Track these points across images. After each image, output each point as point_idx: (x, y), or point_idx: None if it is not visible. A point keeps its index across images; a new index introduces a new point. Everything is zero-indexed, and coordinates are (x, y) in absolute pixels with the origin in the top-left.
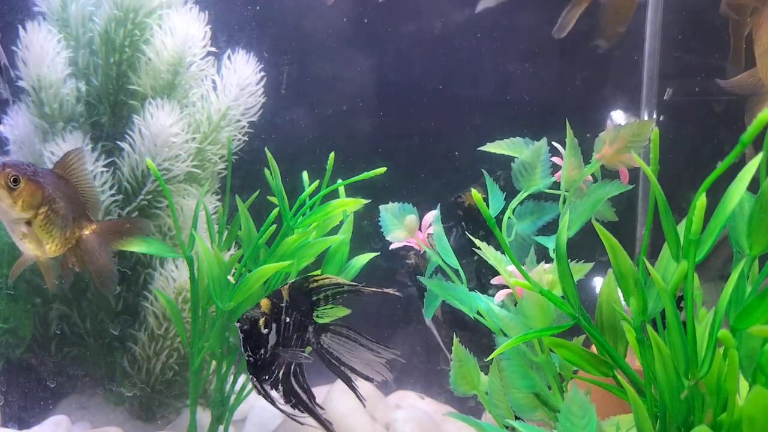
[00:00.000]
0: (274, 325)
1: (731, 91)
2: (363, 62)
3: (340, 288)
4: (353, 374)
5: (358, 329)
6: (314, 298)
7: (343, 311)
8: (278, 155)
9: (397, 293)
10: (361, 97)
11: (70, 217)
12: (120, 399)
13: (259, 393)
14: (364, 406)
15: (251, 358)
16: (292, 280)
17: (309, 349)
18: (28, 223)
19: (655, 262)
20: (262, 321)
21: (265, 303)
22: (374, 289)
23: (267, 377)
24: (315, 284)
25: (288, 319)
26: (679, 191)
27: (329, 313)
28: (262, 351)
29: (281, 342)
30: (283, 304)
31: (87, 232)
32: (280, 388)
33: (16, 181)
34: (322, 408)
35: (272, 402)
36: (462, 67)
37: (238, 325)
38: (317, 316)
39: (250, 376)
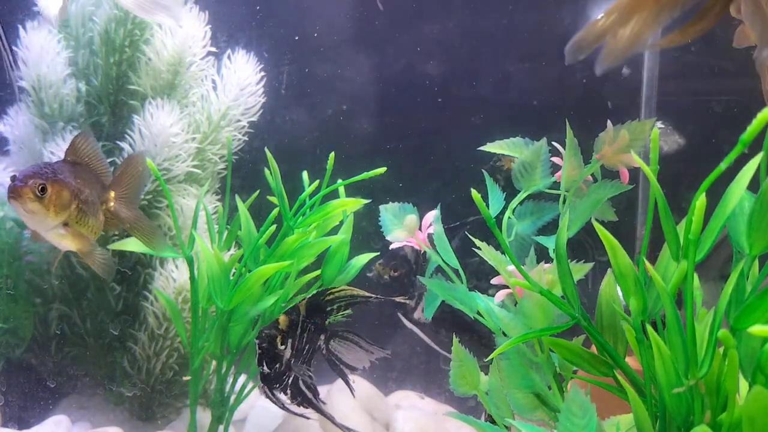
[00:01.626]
0: (289, 341)
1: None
2: (363, 62)
3: (354, 299)
4: (353, 373)
5: (360, 333)
6: (328, 308)
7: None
8: (278, 155)
9: (407, 301)
10: (361, 97)
11: (96, 199)
12: (120, 399)
13: (268, 398)
14: (354, 396)
15: (265, 371)
16: (311, 294)
17: None
18: (65, 223)
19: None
20: (279, 339)
21: (283, 320)
22: (385, 298)
23: (278, 386)
24: (331, 296)
25: (303, 333)
26: (679, 191)
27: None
28: (277, 365)
29: (294, 354)
30: (299, 320)
31: (112, 203)
32: (288, 391)
33: (43, 189)
34: (324, 402)
35: (282, 406)
36: (462, 67)
37: (257, 342)
38: (328, 323)
39: (262, 385)
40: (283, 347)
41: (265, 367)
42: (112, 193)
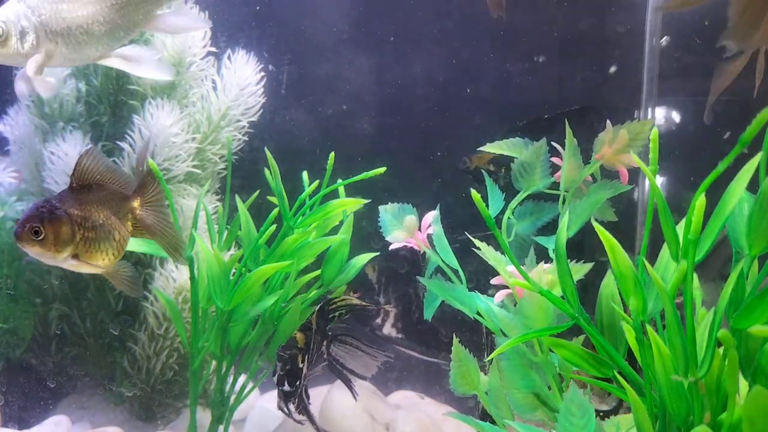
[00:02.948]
0: (306, 356)
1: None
2: (363, 62)
3: (352, 308)
4: (353, 376)
5: (359, 336)
6: (330, 316)
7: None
8: (278, 155)
9: (392, 309)
10: (361, 97)
11: (113, 219)
12: (120, 399)
13: (282, 410)
14: (355, 399)
15: (285, 388)
16: (318, 306)
17: None
18: (75, 255)
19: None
20: (299, 357)
21: (300, 337)
22: (377, 308)
23: (294, 399)
24: (333, 306)
25: (314, 344)
26: (679, 191)
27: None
28: (298, 382)
29: (308, 366)
30: (312, 334)
31: (139, 211)
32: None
33: (37, 232)
34: (310, 402)
35: (291, 416)
36: (462, 66)
37: (279, 365)
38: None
39: (279, 400)
40: (303, 365)
41: (287, 386)
42: (137, 201)
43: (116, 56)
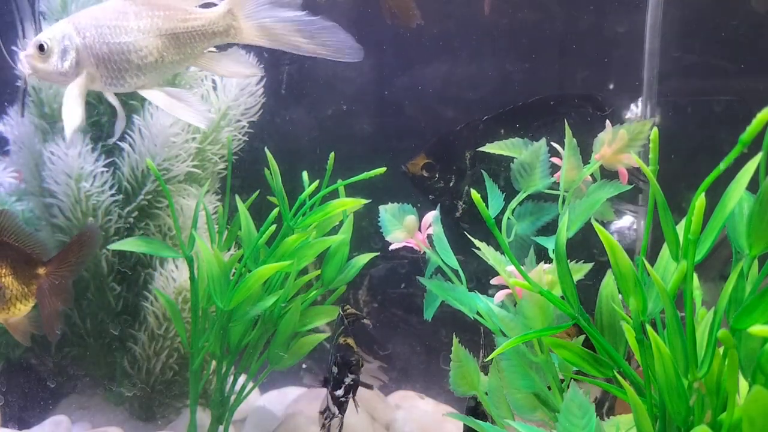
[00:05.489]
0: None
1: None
2: (363, 62)
3: (354, 317)
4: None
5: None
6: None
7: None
8: (278, 155)
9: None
10: (361, 97)
11: (10, 277)
12: (120, 399)
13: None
14: (357, 412)
15: (344, 399)
16: (346, 315)
17: None
18: None
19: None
20: (361, 362)
21: (353, 342)
22: (368, 321)
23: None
24: (345, 313)
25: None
26: (679, 191)
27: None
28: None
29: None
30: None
31: (42, 280)
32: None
33: None
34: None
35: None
36: (462, 66)
37: (352, 377)
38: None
39: (340, 415)
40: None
41: (352, 395)
42: (44, 270)
43: (159, 90)
